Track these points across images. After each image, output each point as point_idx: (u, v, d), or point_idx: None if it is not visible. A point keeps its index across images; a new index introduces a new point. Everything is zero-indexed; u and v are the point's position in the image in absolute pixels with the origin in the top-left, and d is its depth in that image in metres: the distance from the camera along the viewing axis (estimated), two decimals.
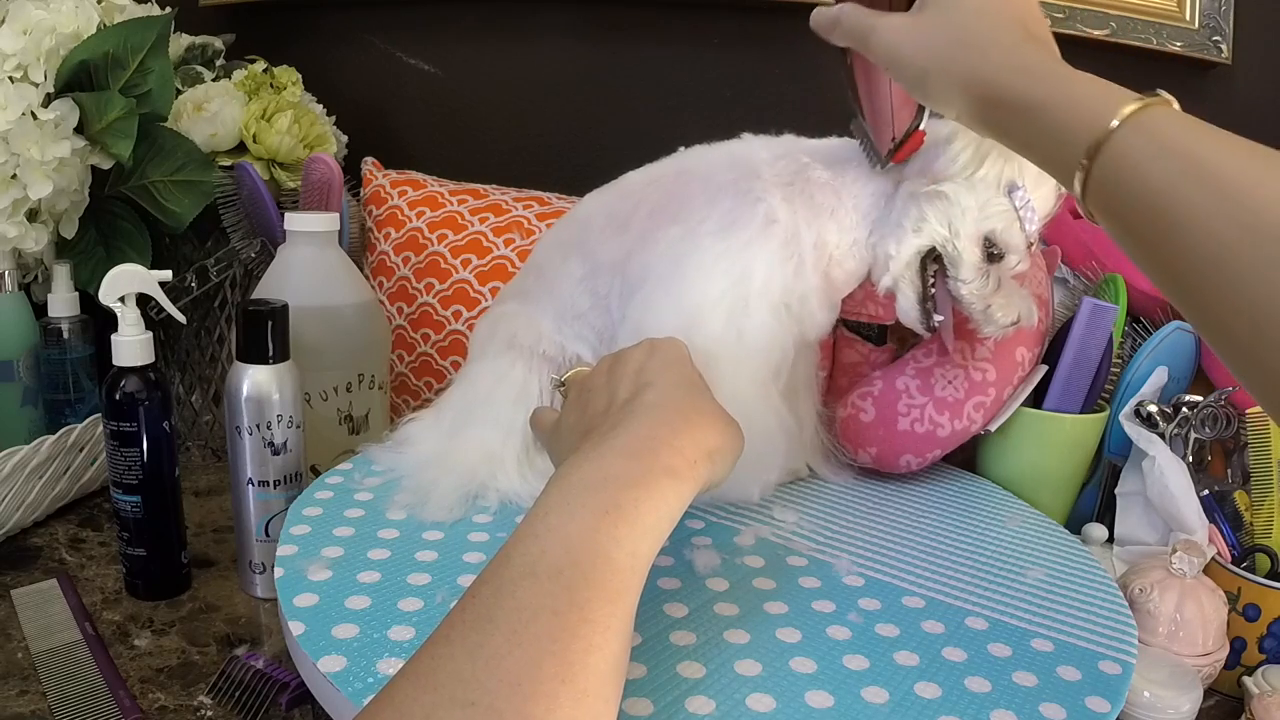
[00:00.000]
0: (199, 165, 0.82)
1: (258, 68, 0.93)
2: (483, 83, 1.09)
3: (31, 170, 0.73)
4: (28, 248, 0.77)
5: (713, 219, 0.61)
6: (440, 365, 0.90)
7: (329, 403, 0.72)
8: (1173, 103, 0.36)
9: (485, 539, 0.55)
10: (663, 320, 0.59)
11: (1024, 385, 0.67)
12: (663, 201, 0.63)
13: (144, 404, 0.60)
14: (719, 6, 1.01)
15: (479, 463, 0.61)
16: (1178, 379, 0.70)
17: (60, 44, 0.77)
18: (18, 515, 0.69)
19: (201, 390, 0.90)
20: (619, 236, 0.64)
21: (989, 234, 0.59)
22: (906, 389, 0.68)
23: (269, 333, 0.60)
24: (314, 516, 0.57)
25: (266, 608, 0.63)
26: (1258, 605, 0.57)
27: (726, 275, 0.59)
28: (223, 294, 0.88)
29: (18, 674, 0.53)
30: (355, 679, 0.40)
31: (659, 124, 1.04)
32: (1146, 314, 0.75)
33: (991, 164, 0.58)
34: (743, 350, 0.59)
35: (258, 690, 0.51)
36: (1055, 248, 0.77)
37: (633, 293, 0.62)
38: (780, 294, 0.60)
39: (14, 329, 0.77)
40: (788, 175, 0.62)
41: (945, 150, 0.58)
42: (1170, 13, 0.91)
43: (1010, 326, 0.61)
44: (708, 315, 0.59)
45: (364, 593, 0.48)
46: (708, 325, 0.58)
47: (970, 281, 0.60)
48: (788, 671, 0.43)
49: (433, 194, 0.95)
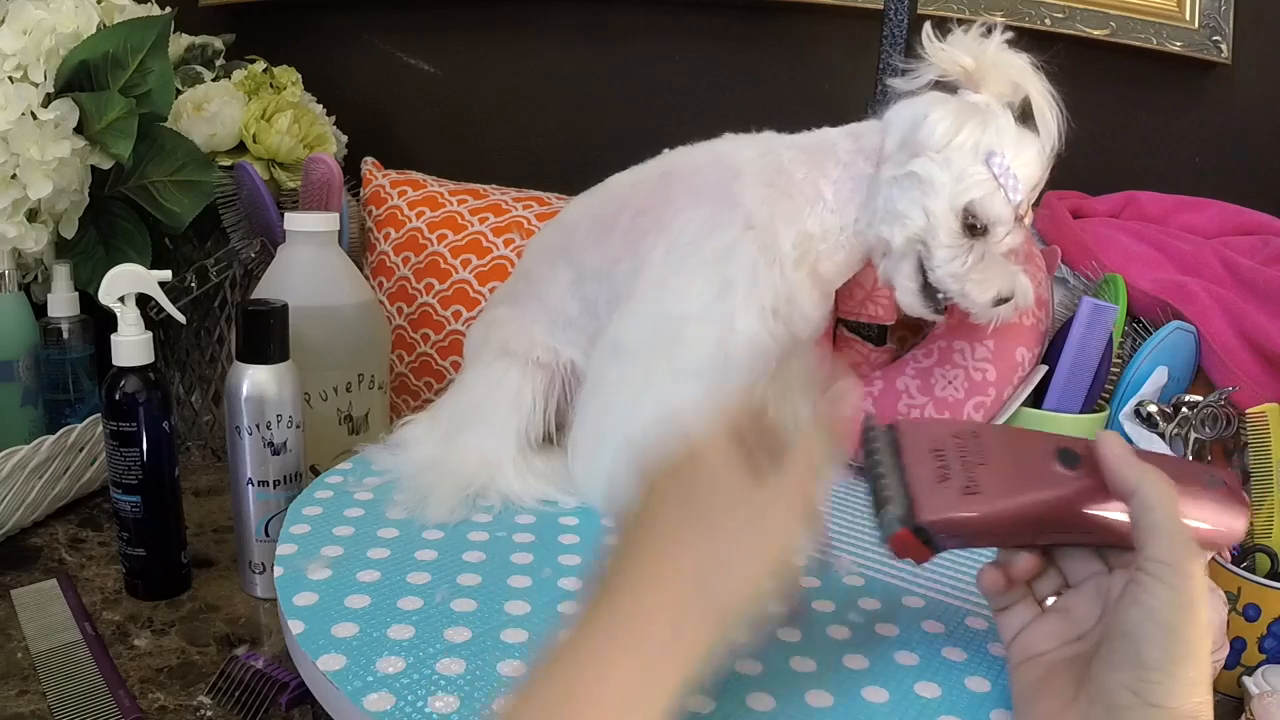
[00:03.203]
0: (199, 165, 0.82)
1: (258, 68, 0.93)
2: (483, 83, 1.09)
3: (31, 170, 0.73)
4: (28, 248, 0.77)
5: (692, 227, 0.60)
6: (440, 365, 0.90)
7: (329, 403, 0.72)
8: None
9: (485, 539, 0.55)
10: (642, 336, 0.59)
11: (1024, 385, 0.67)
12: (646, 205, 0.63)
13: (144, 404, 0.60)
14: (718, 6, 1.01)
15: (477, 467, 0.61)
16: (1178, 379, 0.70)
17: (60, 44, 0.77)
18: (18, 515, 0.69)
19: (201, 390, 0.90)
20: (604, 242, 0.64)
21: (968, 205, 0.57)
22: (906, 389, 0.68)
23: (269, 333, 0.60)
24: (314, 516, 0.57)
25: (266, 607, 0.63)
26: (1258, 605, 0.57)
27: (708, 286, 0.58)
28: (223, 294, 0.88)
29: (18, 674, 0.53)
30: (354, 678, 0.40)
31: (659, 124, 1.04)
32: (1146, 314, 0.75)
33: (969, 131, 0.56)
34: (728, 370, 0.58)
35: (258, 690, 0.51)
36: (1055, 248, 0.77)
37: (619, 301, 0.62)
38: (765, 300, 0.59)
39: (14, 329, 0.77)
40: (768, 174, 0.61)
41: (924, 123, 0.57)
42: (1170, 13, 0.91)
43: (995, 306, 0.59)
44: (691, 331, 0.58)
45: (363, 592, 0.48)
46: (690, 341, 0.58)
47: (944, 264, 0.58)
48: (788, 671, 0.43)
49: (433, 194, 0.95)
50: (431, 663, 0.42)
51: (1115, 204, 0.87)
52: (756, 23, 1.00)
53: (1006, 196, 0.57)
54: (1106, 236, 0.80)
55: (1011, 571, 0.41)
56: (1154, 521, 0.35)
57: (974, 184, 0.57)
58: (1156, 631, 0.34)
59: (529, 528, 0.57)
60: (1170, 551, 0.35)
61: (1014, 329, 0.67)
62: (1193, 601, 0.34)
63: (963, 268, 0.58)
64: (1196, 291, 0.72)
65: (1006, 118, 0.57)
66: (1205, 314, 0.71)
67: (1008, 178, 0.56)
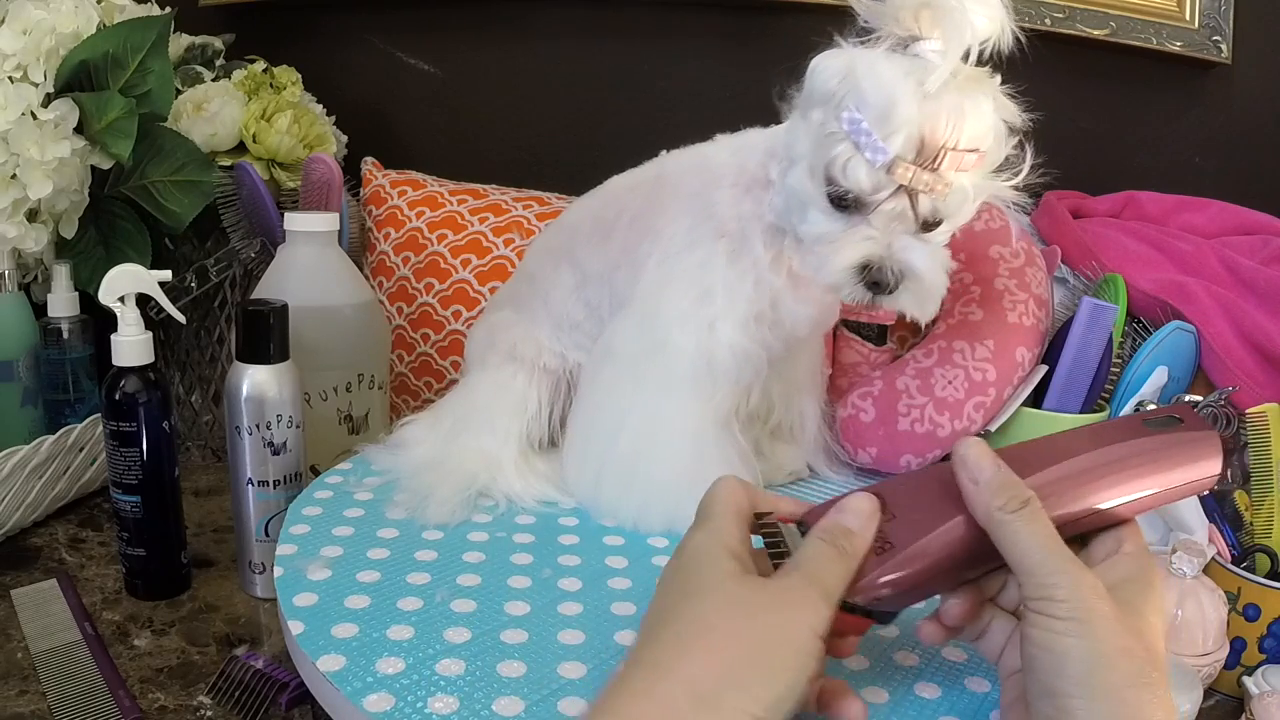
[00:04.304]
0: (199, 165, 0.82)
1: (258, 68, 0.93)
2: (483, 83, 1.09)
3: (31, 170, 0.73)
4: (28, 248, 0.77)
5: (679, 238, 0.59)
6: (440, 365, 0.90)
7: (329, 403, 0.72)
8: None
9: (485, 539, 0.55)
10: (632, 342, 0.59)
11: (1024, 385, 0.67)
12: (642, 210, 0.62)
13: (144, 404, 0.60)
14: (719, 6, 1.01)
15: (479, 468, 0.61)
16: (1178, 379, 0.70)
17: (60, 44, 0.77)
18: (18, 515, 0.69)
19: (201, 390, 0.90)
20: (604, 246, 0.64)
21: (827, 169, 0.49)
22: (907, 389, 0.68)
23: (269, 333, 0.60)
24: (314, 516, 0.57)
25: (266, 608, 0.63)
26: (1258, 605, 0.57)
27: (688, 295, 0.57)
28: (223, 294, 0.88)
29: (18, 674, 0.53)
30: (354, 678, 0.40)
31: (658, 124, 1.04)
32: (1146, 314, 0.75)
33: (841, 84, 0.48)
34: (712, 381, 0.58)
35: (257, 690, 0.51)
36: (1055, 248, 0.77)
37: (621, 306, 0.62)
38: (744, 309, 0.57)
39: (14, 329, 0.77)
40: (734, 174, 0.58)
41: (807, 77, 0.51)
42: (1170, 13, 0.91)
43: (862, 282, 0.49)
44: (674, 339, 0.57)
45: (363, 592, 0.48)
46: (673, 350, 0.57)
47: (806, 239, 0.52)
48: None
49: (432, 194, 0.95)
50: (431, 663, 0.42)
51: (1115, 204, 0.87)
52: (756, 23, 1.00)
53: (868, 160, 0.47)
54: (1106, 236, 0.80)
55: (945, 617, 0.39)
56: (1012, 560, 0.34)
57: (829, 143, 0.48)
58: (1052, 660, 0.33)
59: (529, 528, 0.57)
60: (1038, 586, 0.33)
61: (1014, 329, 0.67)
62: (1082, 619, 0.32)
63: (817, 231, 0.51)
64: (1196, 291, 0.72)
65: (883, 60, 0.46)
66: (1205, 314, 0.71)
67: (861, 136, 0.46)
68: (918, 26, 0.47)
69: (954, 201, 0.48)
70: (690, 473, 0.57)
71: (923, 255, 0.49)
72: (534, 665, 0.42)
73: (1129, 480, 0.37)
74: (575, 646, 0.44)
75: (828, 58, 0.49)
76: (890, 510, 0.38)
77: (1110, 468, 0.37)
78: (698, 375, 0.57)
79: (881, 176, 0.47)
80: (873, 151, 0.46)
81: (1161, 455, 0.38)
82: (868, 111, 0.46)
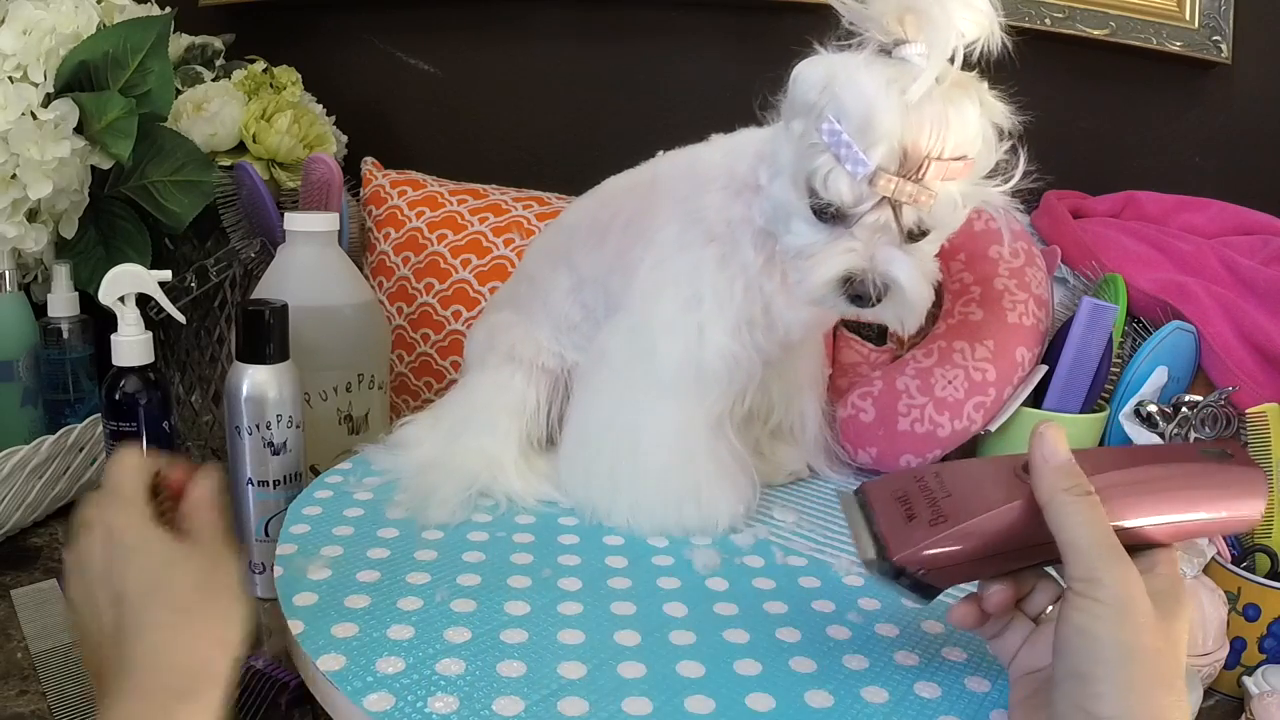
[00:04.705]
0: (199, 165, 0.82)
1: (257, 68, 0.93)
2: (483, 83, 1.09)
3: (31, 170, 0.73)
4: (28, 248, 0.77)
5: (670, 243, 0.59)
6: (440, 365, 0.90)
7: (329, 403, 0.72)
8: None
9: (485, 539, 0.55)
10: (624, 347, 0.59)
11: (1024, 385, 0.67)
12: (636, 213, 0.62)
13: (144, 404, 0.60)
14: (718, 6, 1.01)
15: (479, 468, 0.61)
16: (1178, 379, 0.70)
17: (60, 44, 0.77)
18: (18, 515, 0.69)
19: (201, 390, 0.90)
20: (599, 250, 0.63)
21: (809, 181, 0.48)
22: (906, 389, 0.68)
23: (268, 333, 0.60)
24: (314, 516, 0.57)
25: (266, 607, 0.63)
26: (1258, 605, 0.57)
27: (676, 301, 0.57)
28: (223, 294, 0.88)
29: (18, 674, 0.53)
30: (354, 678, 0.40)
31: (658, 124, 1.04)
32: (1146, 314, 0.75)
33: (821, 94, 0.46)
34: (701, 386, 0.57)
35: (258, 690, 0.51)
36: (1055, 248, 0.77)
37: (616, 309, 0.62)
38: (735, 313, 0.56)
39: (14, 329, 0.77)
40: (736, 183, 0.57)
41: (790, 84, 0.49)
42: (1170, 13, 0.91)
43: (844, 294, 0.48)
44: (662, 344, 0.57)
45: (363, 592, 0.48)
46: (661, 355, 0.57)
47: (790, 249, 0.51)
48: (788, 671, 0.43)
49: (432, 194, 0.95)
50: (431, 663, 0.42)
51: (1115, 204, 0.87)
52: (756, 23, 1.00)
53: (849, 171, 0.45)
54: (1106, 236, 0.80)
55: (986, 603, 0.39)
56: (1065, 541, 0.35)
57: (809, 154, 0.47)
58: (1087, 644, 0.33)
59: (529, 528, 0.57)
60: (1088, 568, 0.34)
61: (1014, 329, 0.67)
62: (1123, 609, 0.33)
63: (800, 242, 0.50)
64: (1196, 291, 0.72)
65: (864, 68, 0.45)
66: (1205, 314, 0.71)
67: (841, 147, 0.45)
68: (901, 30, 0.45)
69: (941, 210, 0.47)
70: (680, 475, 0.57)
71: (906, 267, 0.48)
72: (534, 665, 0.42)
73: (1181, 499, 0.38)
74: (575, 646, 0.44)
75: (808, 66, 0.48)
76: (948, 487, 0.40)
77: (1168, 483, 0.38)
78: (686, 381, 0.57)
79: (863, 188, 0.46)
80: (853, 163, 0.45)
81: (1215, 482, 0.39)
82: (848, 123, 0.45)
